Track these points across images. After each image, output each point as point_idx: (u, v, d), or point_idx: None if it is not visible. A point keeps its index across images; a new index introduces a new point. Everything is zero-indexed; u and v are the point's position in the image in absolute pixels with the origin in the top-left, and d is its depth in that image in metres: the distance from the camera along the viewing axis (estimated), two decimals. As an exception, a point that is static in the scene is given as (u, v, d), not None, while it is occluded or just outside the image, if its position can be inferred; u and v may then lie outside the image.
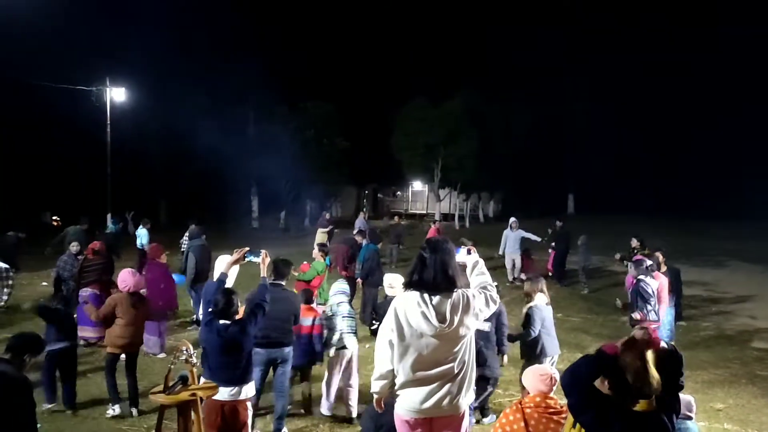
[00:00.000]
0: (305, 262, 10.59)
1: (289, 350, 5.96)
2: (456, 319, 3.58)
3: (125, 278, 6.71)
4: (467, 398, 3.74)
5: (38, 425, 4.51)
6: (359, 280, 10.92)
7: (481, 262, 3.98)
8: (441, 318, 3.56)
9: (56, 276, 10.12)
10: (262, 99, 29.14)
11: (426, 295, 3.60)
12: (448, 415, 3.68)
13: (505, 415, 3.89)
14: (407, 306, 3.63)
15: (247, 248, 5.40)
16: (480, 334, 6.09)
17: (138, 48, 25.17)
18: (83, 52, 24.24)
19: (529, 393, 4.08)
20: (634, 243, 12.61)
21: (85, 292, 8.76)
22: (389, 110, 31.72)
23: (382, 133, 32.00)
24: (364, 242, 11.56)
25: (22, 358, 4.61)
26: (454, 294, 3.63)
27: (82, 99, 22.55)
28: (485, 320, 6.00)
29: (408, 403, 3.67)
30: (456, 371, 3.65)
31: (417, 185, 41.47)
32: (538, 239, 15.95)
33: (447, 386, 3.63)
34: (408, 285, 3.74)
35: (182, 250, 14.77)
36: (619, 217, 29.47)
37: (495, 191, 38.11)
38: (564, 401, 3.52)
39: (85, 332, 8.63)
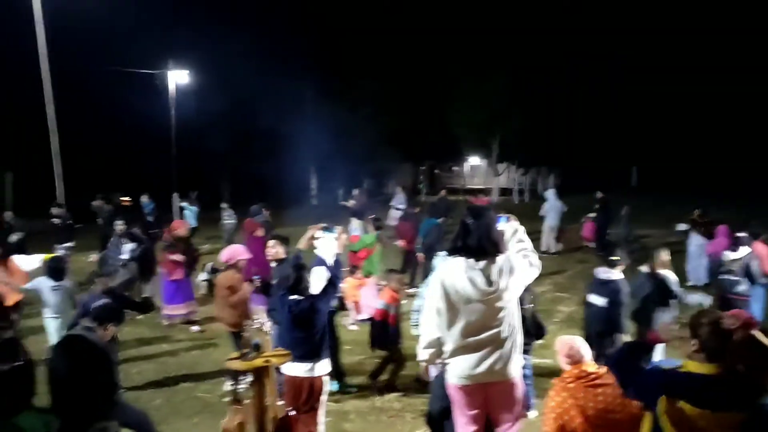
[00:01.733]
0: (356, 233, 10.76)
1: None
2: (502, 283, 3.62)
3: (239, 253, 6.73)
4: (517, 363, 3.77)
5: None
6: (420, 255, 10.93)
7: (522, 229, 3.99)
8: (488, 282, 3.59)
9: (104, 256, 10.05)
10: (319, 77, 29.30)
11: (471, 261, 3.63)
12: (500, 380, 3.71)
13: (552, 398, 3.84)
14: (453, 272, 3.65)
15: (323, 225, 5.48)
16: (598, 314, 6.00)
17: (198, 31, 25.67)
18: (147, 38, 24.89)
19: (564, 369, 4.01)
20: (696, 213, 12.56)
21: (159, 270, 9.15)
22: (444, 85, 31.30)
23: (438, 108, 31.65)
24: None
25: (105, 326, 4.90)
26: (499, 258, 3.66)
27: (147, 83, 23.20)
28: (600, 296, 5.99)
29: (459, 370, 3.71)
30: (504, 336, 3.68)
31: (474, 160, 41.01)
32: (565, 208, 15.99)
33: (497, 351, 3.66)
34: (452, 251, 3.76)
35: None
36: (685, 192, 28.39)
37: (555, 165, 37.29)
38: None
39: (175, 310, 8.91)
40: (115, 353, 4.93)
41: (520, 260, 3.76)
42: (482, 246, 3.65)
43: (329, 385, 5.18)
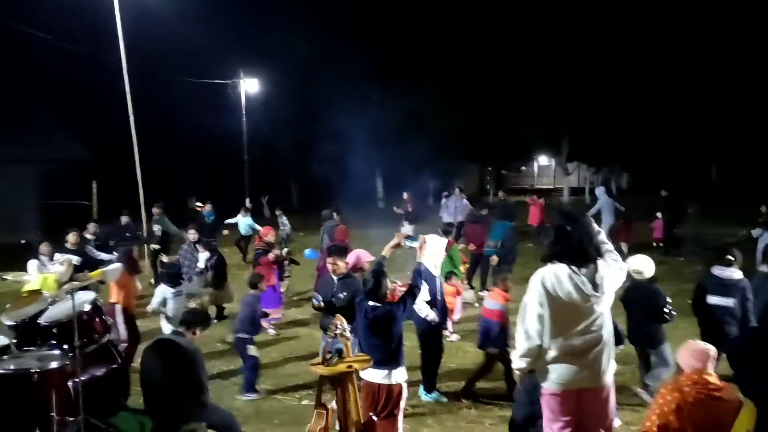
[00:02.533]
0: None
1: None
2: (604, 288, 3.60)
3: (365, 257, 6.74)
4: (612, 369, 3.73)
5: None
6: (493, 258, 10.78)
7: (602, 231, 3.92)
8: (594, 287, 3.56)
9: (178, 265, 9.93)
10: (382, 80, 29.46)
11: (574, 266, 3.58)
12: (597, 386, 3.66)
13: (662, 395, 3.70)
14: (558, 278, 3.60)
15: (407, 233, 5.52)
16: (724, 315, 5.91)
17: (267, 41, 26.35)
18: (219, 49, 25.77)
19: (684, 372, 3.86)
20: (764, 210, 12.67)
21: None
22: (509, 83, 30.80)
23: (504, 108, 31.19)
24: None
25: (193, 330, 5.07)
26: (599, 263, 3.63)
27: (220, 91, 24.03)
28: (724, 297, 5.95)
29: (560, 377, 3.65)
30: (603, 341, 3.65)
31: (543, 160, 40.24)
32: (622, 209, 15.61)
33: (597, 357, 3.63)
34: (552, 257, 3.70)
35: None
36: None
37: (629, 162, 36.08)
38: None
39: (273, 314, 9.05)
40: (202, 357, 5.08)
41: (612, 263, 3.71)
42: (586, 250, 3.62)
43: (407, 392, 5.17)
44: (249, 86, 23.98)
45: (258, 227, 15.69)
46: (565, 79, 28.26)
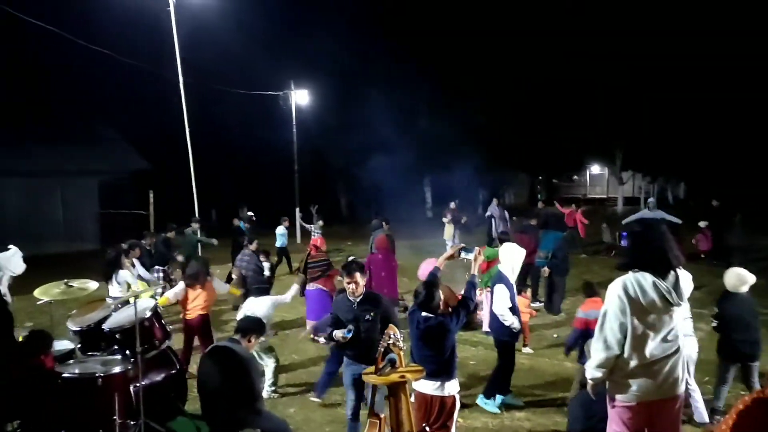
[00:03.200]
0: (483, 246, 10.66)
1: None
2: (684, 297, 3.63)
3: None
4: (685, 378, 3.72)
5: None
6: (545, 269, 10.62)
7: None
8: (679, 296, 3.55)
9: (242, 275, 10.05)
10: (431, 89, 29.47)
11: (658, 275, 3.57)
12: (671, 397, 3.63)
13: (743, 401, 3.57)
14: (641, 286, 3.56)
15: (462, 245, 5.50)
16: None
17: (317, 52, 26.78)
18: (270, 61, 26.32)
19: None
20: None
21: (312, 287, 9.01)
22: (562, 91, 30.35)
23: (555, 116, 30.74)
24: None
25: (249, 338, 5.17)
26: (679, 272, 3.63)
27: (271, 102, 24.49)
28: None
29: (639, 388, 3.59)
30: (679, 351, 3.62)
31: (595, 169, 39.44)
32: (679, 221, 14.79)
33: (674, 367, 3.60)
34: (633, 265, 3.66)
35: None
36: None
37: (686, 171, 34.93)
38: None
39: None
40: (257, 363, 5.18)
41: (684, 273, 3.71)
42: (668, 259, 3.61)
43: (459, 404, 5.14)
44: (300, 97, 24.36)
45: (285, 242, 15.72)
46: (620, 86, 27.66)
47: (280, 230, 15.60)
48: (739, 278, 6.00)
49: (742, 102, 29.51)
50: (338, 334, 5.26)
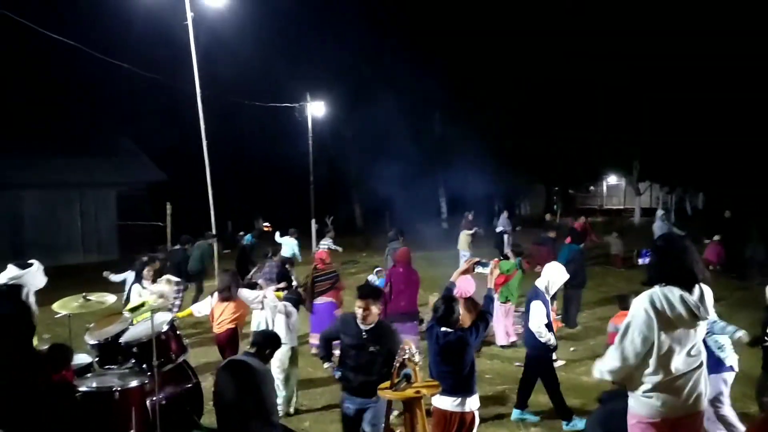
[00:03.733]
0: (496, 259, 10.59)
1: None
2: (709, 311, 3.60)
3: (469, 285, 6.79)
4: (708, 393, 3.67)
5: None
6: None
7: None
8: (706, 310, 3.54)
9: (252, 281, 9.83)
10: (447, 99, 29.48)
11: (685, 289, 3.55)
12: (694, 412, 3.58)
13: (755, 423, 3.51)
14: (669, 301, 3.52)
15: (477, 259, 5.46)
16: None
17: (332, 64, 26.98)
18: (286, 72, 26.58)
19: None
20: None
21: (320, 301, 9.00)
22: (578, 100, 30.20)
23: (571, 125, 30.58)
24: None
25: (265, 352, 5.18)
26: (702, 286, 3.61)
27: (287, 114, 24.65)
28: None
29: (663, 404, 3.54)
30: (702, 366, 3.60)
31: (612, 179, 39.14)
32: (682, 233, 14.75)
33: (698, 382, 3.57)
34: (659, 279, 3.62)
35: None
36: None
37: (704, 182, 34.57)
38: None
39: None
40: (272, 377, 5.18)
41: (707, 288, 3.66)
42: (694, 273, 3.58)
43: (478, 420, 5.10)
44: (315, 109, 24.51)
45: (297, 254, 15.63)
46: (637, 95, 27.49)
47: (288, 241, 15.42)
48: None
49: (762, 108, 29.20)
50: (328, 366, 5.10)
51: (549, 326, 6.41)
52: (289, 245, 15.38)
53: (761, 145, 30.47)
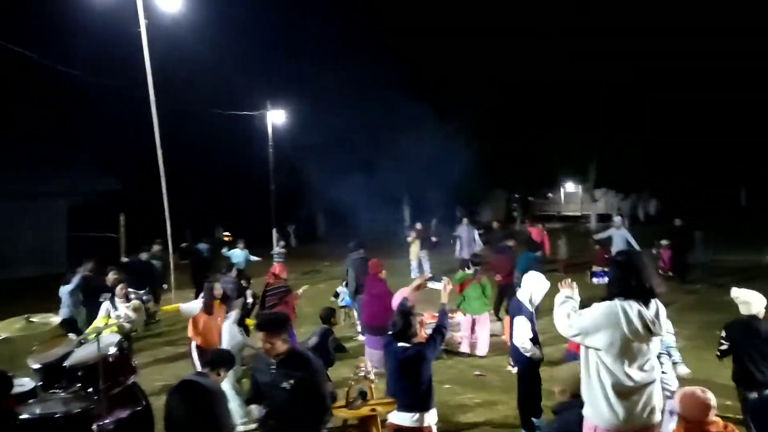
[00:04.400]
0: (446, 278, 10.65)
1: None
2: (663, 327, 3.69)
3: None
4: (661, 407, 3.74)
5: None
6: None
7: None
8: (660, 325, 3.62)
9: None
10: (410, 108, 29.58)
11: (641, 304, 3.62)
12: (648, 425, 3.65)
13: None
14: (626, 314, 3.58)
15: (430, 275, 5.44)
16: None
17: (293, 71, 26.81)
18: (245, 80, 26.26)
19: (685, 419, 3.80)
20: None
21: None
22: (536, 110, 30.70)
23: (531, 134, 31.05)
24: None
25: (218, 371, 5.04)
26: (658, 302, 3.70)
27: (248, 123, 24.39)
28: None
29: (615, 416, 3.59)
30: (656, 380, 3.67)
31: (570, 186, 39.88)
32: (637, 247, 14.97)
33: (649, 396, 3.63)
34: (619, 294, 3.68)
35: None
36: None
37: (657, 188, 35.52)
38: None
39: None
40: (226, 398, 5.04)
41: (660, 304, 3.75)
42: (651, 288, 3.66)
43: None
44: (275, 117, 24.28)
45: (255, 258, 15.49)
46: (592, 103, 28.06)
47: (237, 253, 14.96)
48: (747, 297, 5.67)
49: (710, 118, 30.19)
50: (254, 411, 4.69)
51: (534, 340, 6.32)
52: (238, 257, 14.84)
53: (713, 148, 31.54)
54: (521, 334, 6.24)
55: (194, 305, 7.25)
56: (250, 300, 9.73)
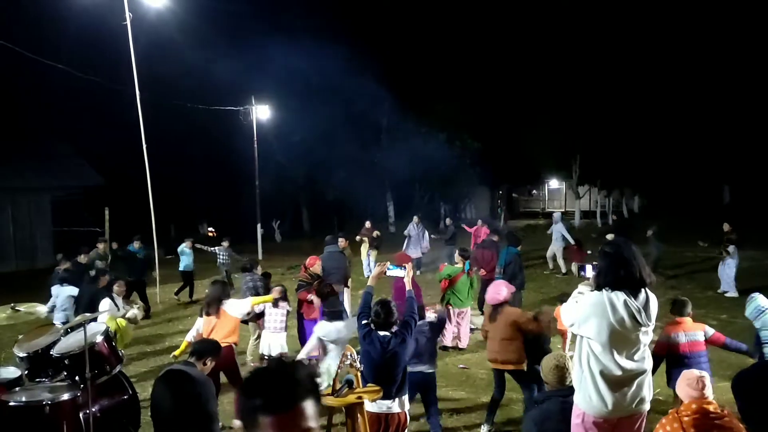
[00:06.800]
0: (444, 264, 10.68)
1: None
2: (653, 318, 3.69)
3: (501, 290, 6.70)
4: (650, 396, 3.79)
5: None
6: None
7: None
8: (649, 316, 3.63)
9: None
10: (394, 105, 29.64)
11: (630, 294, 3.64)
12: (637, 413, 3.72)
13: (662, 426, 3.68)
14: (613, 305, 3.61)
15: (387, 263, 5.46)
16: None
17: (278, 67, 26.70)
18: (231, 76, 26.13)
19: (683, 402, 3.83)
20: (726, 228, 13.26)
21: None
22: (521, 106, 30.83)
23: (514, 131, 31.20)
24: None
25: (204, 360, 5.10)
26: (648, 291, 3.70)
27: (233, 118, 24.26)
28: None
29: (604, 404, 3.64)
30: (647, 369, 3.72)
31: (554, 183, 40.17)
32: (572, 242, 16.19)
33: (640, 384, 3.68)
34: (606, 284, 3.69)
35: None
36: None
37: (640, 185, 35.81)
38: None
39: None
40: (212, 387, 5.08)
41: (651, 294, 3.76)
42: (641, 279, 3.66)
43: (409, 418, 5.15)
44: (261, 113, 24.20)
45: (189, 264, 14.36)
46: (575, 99, 28.26)
47: (184, 250, 14.24)
48: None
49: (693, 115, 30.50)
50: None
51: None
52: (184, 255, 14.29)
53: (696, 145, 31.87)
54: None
55: (194, 329, 6.99)
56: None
